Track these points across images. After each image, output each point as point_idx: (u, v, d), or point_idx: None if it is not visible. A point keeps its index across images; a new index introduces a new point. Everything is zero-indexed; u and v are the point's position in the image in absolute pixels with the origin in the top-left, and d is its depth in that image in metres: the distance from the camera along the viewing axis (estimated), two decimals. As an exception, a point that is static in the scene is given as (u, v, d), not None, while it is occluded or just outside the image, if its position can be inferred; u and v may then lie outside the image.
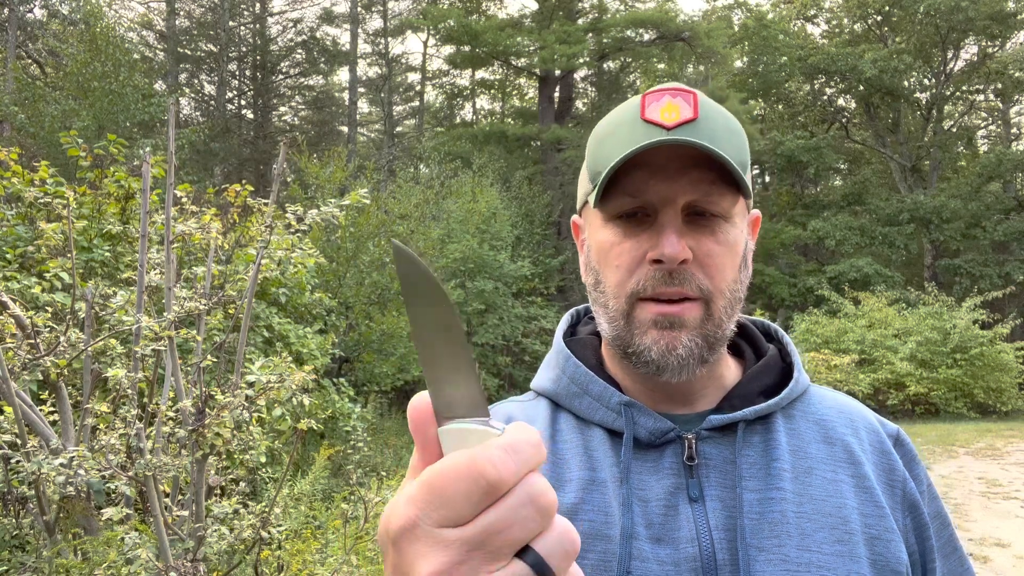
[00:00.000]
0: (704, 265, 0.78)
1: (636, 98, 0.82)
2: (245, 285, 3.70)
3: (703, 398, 0.86)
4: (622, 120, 0.82)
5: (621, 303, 0.80)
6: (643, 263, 0.79)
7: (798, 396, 0.87)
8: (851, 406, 0.90)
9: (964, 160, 27.03)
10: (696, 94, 0.79)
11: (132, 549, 2.57)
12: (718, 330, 0.80)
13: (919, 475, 0.85)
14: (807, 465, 0.80)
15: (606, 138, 0.83)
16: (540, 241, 19.72)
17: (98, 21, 14.07)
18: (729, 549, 0.74)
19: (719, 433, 0.81)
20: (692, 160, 0.77)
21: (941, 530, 0.84)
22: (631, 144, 0.77)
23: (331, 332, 8.07)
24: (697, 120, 0.77)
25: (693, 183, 0.77)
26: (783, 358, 0.92)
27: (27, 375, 3.01)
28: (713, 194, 0.78)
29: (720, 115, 0.80)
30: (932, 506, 0.85)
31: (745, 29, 25.04)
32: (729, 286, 0.80)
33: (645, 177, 0.77)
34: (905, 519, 0.81)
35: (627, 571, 0.73)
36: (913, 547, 0.81)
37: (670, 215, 0.77)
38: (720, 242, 0.79)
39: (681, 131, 0.77)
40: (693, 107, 0.78)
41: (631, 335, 0.80)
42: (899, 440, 0.87)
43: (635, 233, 0.79)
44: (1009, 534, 6.44)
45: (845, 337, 16.32)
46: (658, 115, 0.78)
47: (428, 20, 23.58)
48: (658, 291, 0.78)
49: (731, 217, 0.80)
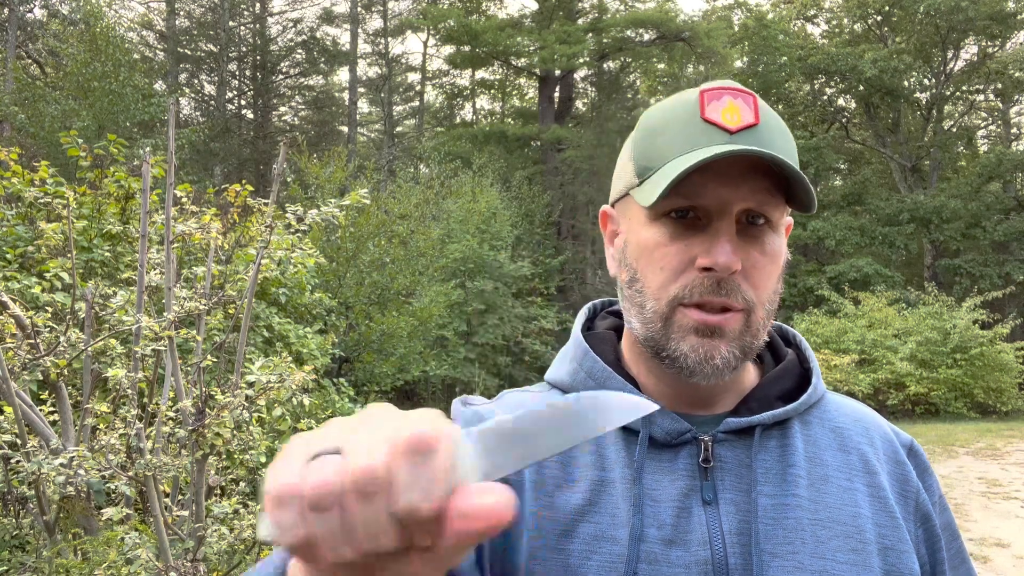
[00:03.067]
0: (750, 276, 0.76)
1: (692, 92, 0.79)
2: (245, 285, 3.70)
3: (721, 400, 0.85)
4: (679, 116, 0.78)
5: (661, 305, 0.78)
6: (690, 268, 0.76)
7: (815, 403, 0.86)
8: (866, 415, 0.89)
9: (964, 160, 27.02)
10: (755, 96, 0.77)
11: (132, 549, 2.57)
12: (755, 340, 0.79)
13: (931, 486, 0.85)
14: (823, 473, 0.80)
15: (660, 132, 0.79)
16: (540, 241, 19.74)
17: (98, 21, 14.08)
18: (742, 554, 0.74)
19: (736, 436, 0.81)
20: (752, 167, 0.75)
21: (951, 542, 0.84)
22: (690, 144, 0.75)
23: (331, 332, 8.08)
24: (759, 126, 0.76)
25: (753, 191, 0.75)
26: (801, 363, 0.91)
27: (27, 375, 3.01)
28: (769, 203, 0.76)
29: (777, 121, 0.79)
30: (943, 517, 0.85)
31: (745, 29, 25.02)
32: (770, 297, 0.79)
33: (703, 180, 0.74)
34: (917, 530, 0.81)
35: (634, 573, 0.73)
36: (924, 558, 0.81)
37: (726, 223, 0.75)
38: (766, 253, 0.77)
39: (743, 136, 0.75)
40: (754, 111, 0.76)
41: (667, 338, 0.78)
42: (913, 450, 0.87)
43: (684, 236, 0.77)
44: (1009, 534, 6.43)
45: (845, 337, 16.32)
46: (719, 116, 0.76)
47: (428, 20, 23.61)
48: (704, 299, 0.76)
49: (778, 226, 0.79)
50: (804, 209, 0.78)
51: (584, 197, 22.70)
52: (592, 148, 21.67)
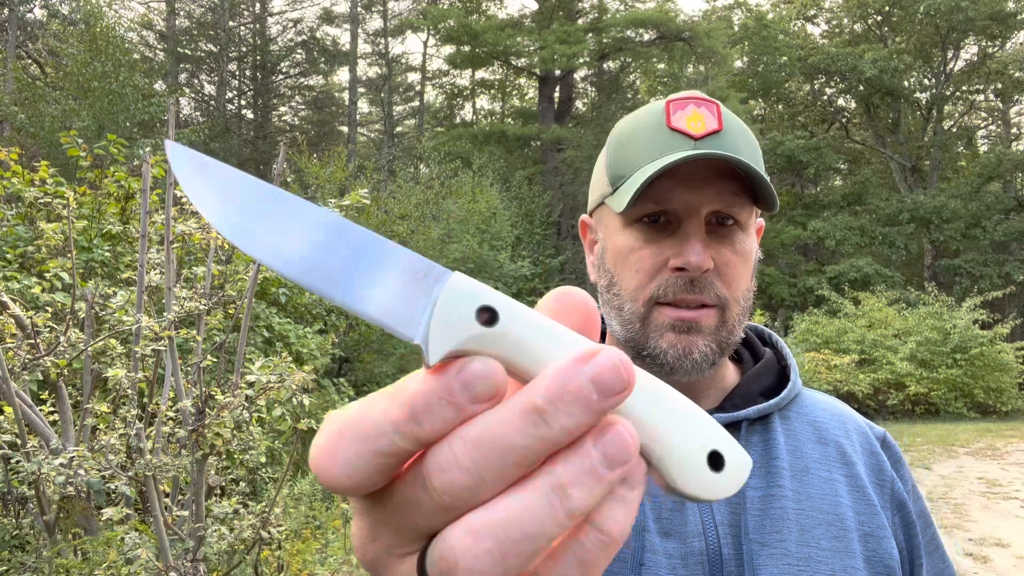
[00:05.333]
0: (723, 274, 0.80)
1: (659, 103, 0.84)
2: (245, 285, 3.70)
3: (705, 398, 0.88)
4: (646, 125, 0.83)
5: (638, 306, 0.82)
6: (664, 269, 0.80)
7: (792, 398, 0.90)
8: (841, 409, 0.93)
9: (964, 160, 27.03)
10: (718, 105, 0.82)
11: (132, 549, 2.57)
12: (731, 336, 0.83)
13: (904, 476, 0.89)
14: (804, 464, 0.83)
15: (629, 142, 0.84)
16: (540, 241, 19.74)
17: (98, 21, 14.08)
18: (734, 544, 0.77)
19: None
20: (717, 171, 0.79)
21: (925, 528, 0.88)
22: (657, 152, 0.79)
23: (331, 332, 8.07)
24: (723, 132, 0.80)
25: (718, 193, 0.79)
26: (778, 361, 0.95)
27: (27, 375, 3.00)
28: (736, 205, 0.80)
29: (740, 127, 0.83)
30: (917, 505, 0.88)
31: (745, 29, 25.03)
32: (744, 294, 0.83)
33: (671, 185, 0.79)
34: (894, 517, 0.85)
35: (640, 563, 0.76)
36: (902, 544, 0.84)
37: (695, 224, 0.79)
38: (737, 252, 0.81)
39: (708, 142, 0.79)
40: (717, 118, 0.80)
41: (647, 338, 0.82)
42: (886, 442, 0.91)
43: (656, 239, 0.81)
44: (1009, 534, 6.43)
45: (845, 337, 16.32)
46: (684, 124, 0.80)
47: (428, 20, 23.60)
48: (679, 298, 0.80)
49: (747, 227, 0.83)
50: (769, 209, 0.82)
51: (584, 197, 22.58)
52: (592, 148, 21.66)
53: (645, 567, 0.75)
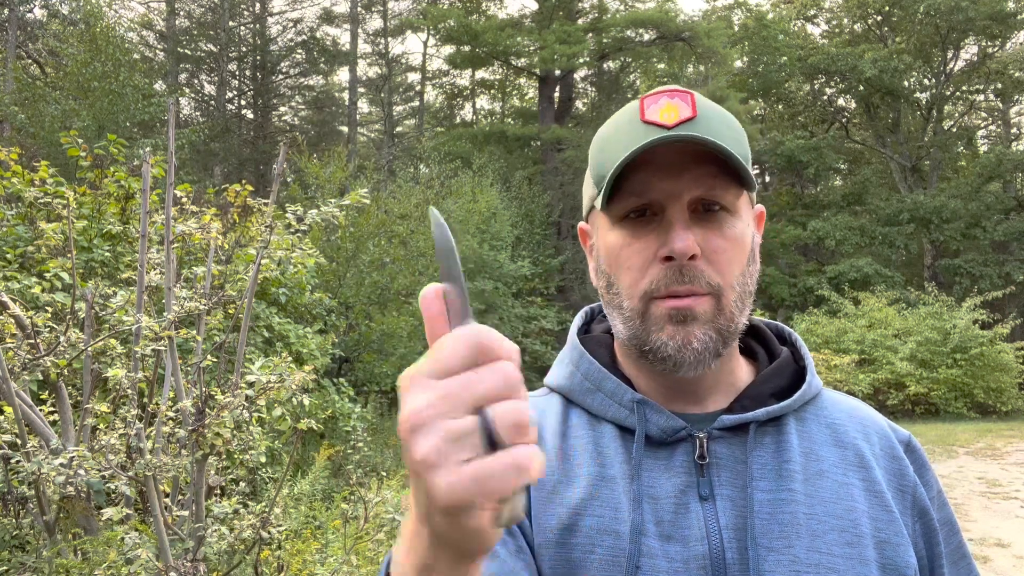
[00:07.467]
0: (712, 261, 0.79)
1: (634, 102, 0.83)
2: (245, 285, 3.70)
3: (715, 398, 0.86)
4: (622, 124, 0.82)
5: (636, 303, 0.81)
6: (654, 262, 0.79)
7: (811, 399, 0.87)
8: (863, 411, 0.90)
9: (964, 160, 27.02)
10: (693, 94, 0.81)
11: (132, 549, 2.57)
12: (730, 324, 0.81)
13: (929, 481, 0.86)
14: (818, 468, 0.81)
15: (607, 142, 0.83)
16: (540, 241, 19.73)
17: (98, 21, 14.06)
18: (739, 548, 0.75)
19: (731, 433, 0.82)
20: (694, 156, 0.78)
21: (950, 536, 0.85)
22: (632, 145, 0.77)
23: (331, 332, 8.08)
24: (696, 118, 0.79)
25: (697, 178, 0.78)
26: (796, 361, 0.92)
27: (27, 375, 3.01)
28: (717, 188, 0.79)
29: (717, 112, 0.82)
30: (942, 512, 0.85)
31: (745, 29, 25.04)
32: (738, 280, 0.81)
33: (649, 176, 0.78)
34: (915, 524, 0.82)
35: (636, 567, 0.74)
36: (922, 552, 0.81)
37: (677, 211, 0.78)
38: (727, 237, 0.80)
39: (681, 129, 0.78)
40: (691, 106, 0.79)
41: (647, 333, 0.81)
42: (910, 446, 0.88)
43: (643, 233, 0.80)
44: (1009, 534, 6.43)
45: (845, 337, 16.32)
46: (657, 116, 0.79)
47: (428, 20, 23.60)
48: (670, 289, 0.79)
49: (737, 211, 0.81)
50: (749, 189, 0.81)
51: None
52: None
53: (641, 571, 0.74)
